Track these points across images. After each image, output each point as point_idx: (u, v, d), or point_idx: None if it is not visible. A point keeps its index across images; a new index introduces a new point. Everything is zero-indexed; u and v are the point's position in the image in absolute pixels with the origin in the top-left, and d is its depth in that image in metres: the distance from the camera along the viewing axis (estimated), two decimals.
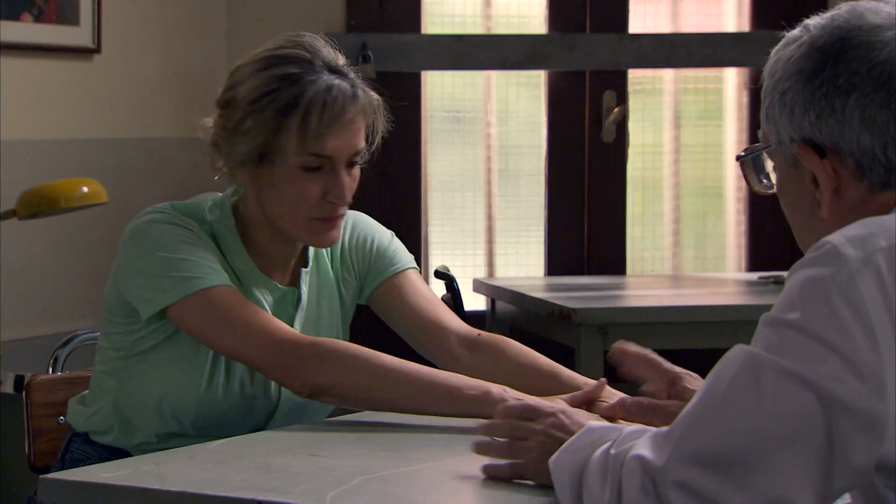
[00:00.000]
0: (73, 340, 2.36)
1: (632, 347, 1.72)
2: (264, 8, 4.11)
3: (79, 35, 3.56)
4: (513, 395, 1.78)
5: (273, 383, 1.92)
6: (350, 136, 1.88)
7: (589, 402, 1.79)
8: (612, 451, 1.26)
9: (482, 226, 4.23)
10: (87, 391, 1.99)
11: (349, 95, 1.87)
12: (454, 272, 3.59)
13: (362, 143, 1.90)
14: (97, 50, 3.61)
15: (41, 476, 1.59)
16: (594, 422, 1.42)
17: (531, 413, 1.52)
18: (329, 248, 2.01)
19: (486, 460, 1.55)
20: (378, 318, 2.07)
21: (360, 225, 2.05)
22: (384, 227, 2.08)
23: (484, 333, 2.00)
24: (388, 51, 4.09)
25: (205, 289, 1.84)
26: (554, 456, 1.37)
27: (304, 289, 1.97)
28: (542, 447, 1.47)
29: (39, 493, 1.57)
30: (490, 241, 4.24)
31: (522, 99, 4.27)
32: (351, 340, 1.93)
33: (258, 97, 1.86)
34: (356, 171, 1.93)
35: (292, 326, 1.94)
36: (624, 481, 1.22)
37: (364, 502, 1.46)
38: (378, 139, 1.95)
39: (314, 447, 1.69)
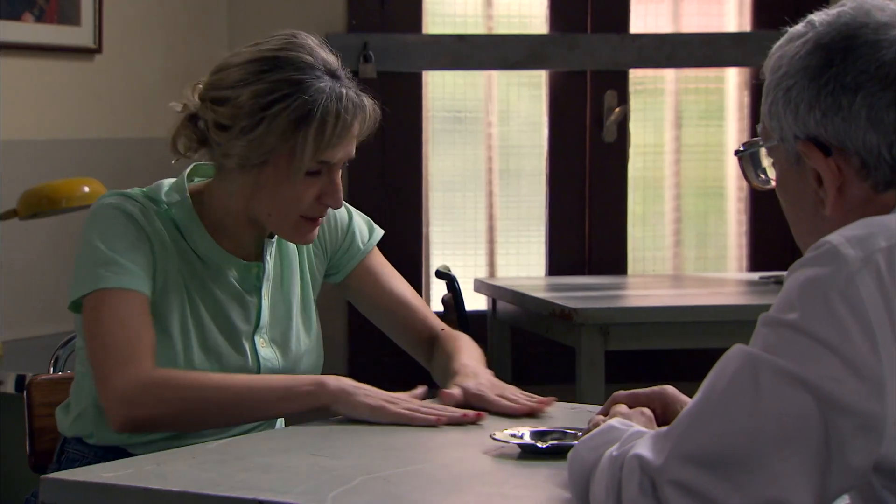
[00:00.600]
0: (74, 340, 2.36)
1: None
2: (265, 8, 4.11)
3: (80, 35, 3.56)
4: (348, 383, 1.82)
5: (248, 352, 1.94)
6: (349, 142, 1.91)
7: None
8: (614, 452, 1.26)
9: (483, 226, 4.23)
10: (70, 398, 1.99)
11: (357, 105, 1.90)
12: (455, 272, 3.59)
13: (354, 149, 1.93)
14: (98, 50, 3.61)
15: (42, 476, 1.59)
16: (617, 420, 1.42)
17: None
18: None
19: (485, 459, 1.54)
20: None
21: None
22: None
23: (446, 329, 2.07)
24: (389, 51, 4.09)
25: (103, 289, 1.85)
26: (572, 450, 1.37)
27: (269, 260, 1.98)
28: None
29: (41, 492, 1.57)
30: (491, 241, 4.24)
31: (523, 99, 4.27)
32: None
33: (269, 103, 1.86)
34: (343, 169, 1.96)
35: (259, 299, 1.96)
36: (623, 481, 1.22)
37: (365, 502, 1.46)
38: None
39: (315, 447, 1.69)
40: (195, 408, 1.81)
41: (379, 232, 2.11)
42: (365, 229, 2.09)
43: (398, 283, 2.09)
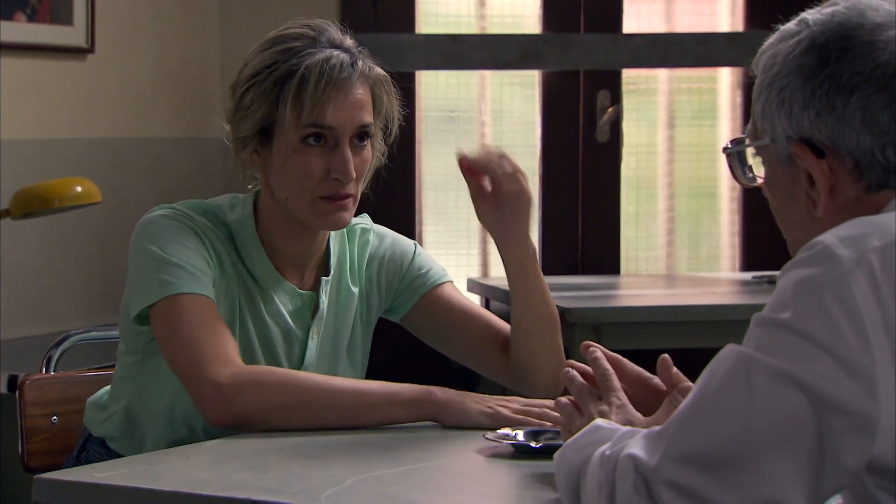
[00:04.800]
0: (67, 340, 2.36)
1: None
2: (258, 7, 4.11)
3: (73, 35, 3.55)
4: (455, 392, 1.79)
5: None
6: (351, 106, 1.83)
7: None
8: (607, 452, 1.26)
9: (476, 225, 4.23)
10: (105, 394, 1.97)
11: (348, 63, 1.83)
12: (448, 271, 3.59)
13: (368, 118, 1.85)
14: (91, 50, 3.60)
15: (35, 476, 1.58)
16: (602, 420, 1.42)
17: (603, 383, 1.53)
18: (353, 259, 1.97)
19: (482, 461, 1.54)
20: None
21: (387, 239, 2.01)
22: (407, 239, 2.03)
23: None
24: (382, 50, 4.04)
25: (176, 294, 1.79)
26: (558, 452, 1.37)
27: (324, 297, 1.92)
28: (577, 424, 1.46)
29: (34, 493, 1.57)
30: (484, 241, 4.24)
31: (517, 99, 4.27)
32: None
33: (258, 71, 1.84)
34: (365, 151, 1.88)
35: (308, 336, 1.91)
36: (617, 481, 1.22)
37: (358, 502, 1.46)
38: (394, 127, 1.91)
39: (309, 447, 1.69)
40: (297, 404, 1.75)
41: (447, 276, 2.01)
42: (429, 265, 2.00)
43: (465, 303, 2.00)
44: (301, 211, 1.86)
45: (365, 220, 2.03)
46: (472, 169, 1.88)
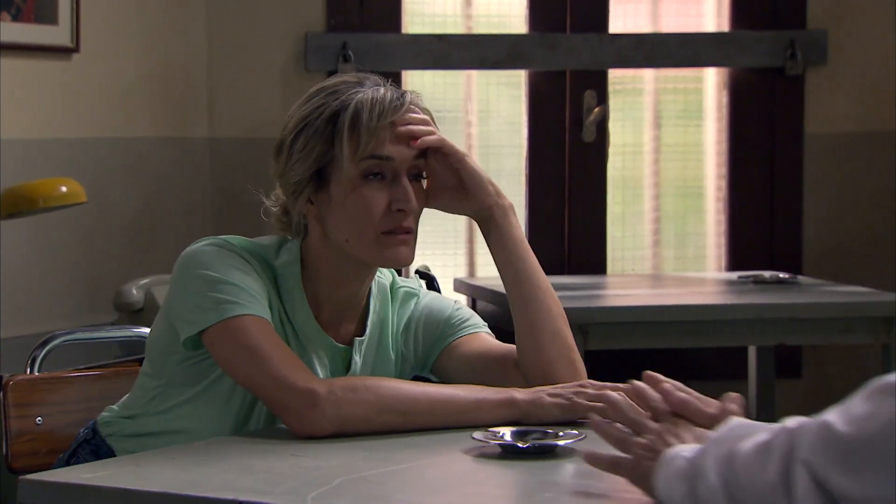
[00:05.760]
0: (52, 341, 2.35)
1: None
2: (244, 8, 4.10)
3: (57, 34, 3.54)
4: (528, 391, 1.79)
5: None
6: (403, 139, 1.83)
7: None
8: (791, 426, 1.24)
9: (463, 225, 4.23)
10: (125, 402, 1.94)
11: (398, 95, 1.84)
12: (435, 272, 3.59)
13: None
14: (76, 49, 3.59)
15: (20, 477, 1.58)
16: (740, 418, 1.38)
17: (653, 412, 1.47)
18: (394, 323, 1.94)
19: (469, 458, 1.54)
20: None
21: (428, 298, 1.98)
22: (447, 298, 2.01)
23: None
24: (368, 51, 4.08)
25: (239, 315, 1.77)
26: (696, 448, 1.33)
27: (357, 359, 1.89)
28: (650, 447, 1.42)
29: (19, 494, 1.56)
30: (471, 241, 4.24)
31: (503, 99, 4.27)
32: None
33: (307, 114, 1.82)
34: (420, 187, 1.87)
35: None
36: (798, 483, 1.20)
37: (345, 503, 1.45)
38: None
39: (295, 448, 1.68)
40: (399, 410, 1.75)
41: (485, 325, 1.97)
42: (464, 317, 1.95)
43: (493, 348, 1.94)
44: (363, 249, 1.83)
45: (412, 284, 2.00)
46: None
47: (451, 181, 1.91)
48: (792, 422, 1.28)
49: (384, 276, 1.97)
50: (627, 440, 1.45)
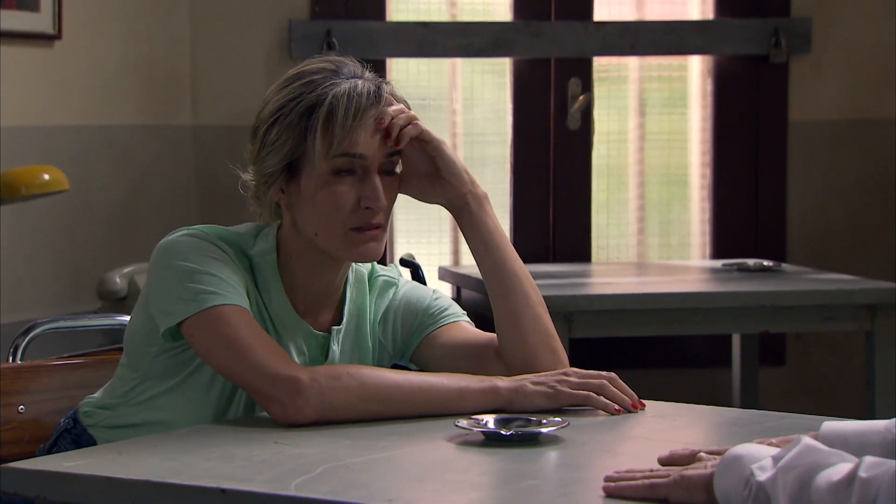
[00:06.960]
0: (34, 329, 2.34)
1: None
2: None
3: (39, 21, 3.52)
4: (511, 380, 1.79)
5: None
6: (380, 134, 1.82)
7: None
8: (863, 475, 1.23)
9: (447, 213, 4.22)
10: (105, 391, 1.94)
11: (374, 91, 1.82)
12: (419, 260, 3.59)
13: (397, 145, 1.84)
14: (58, 36, 3.57)
15: (3, 465, 1.57)
16: (811, 440, 1.34)
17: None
18: (371, 311, 1.94)
19: (453, 448, 1.53)
20: None
21: (406, 288, 1.97)
22: (426, 287, 2.00)
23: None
24: (352, 38, 4.07)
25: (219, 305, 1.77)
26: (767, 474, 1.30)
27: (335, 347, 1.89)
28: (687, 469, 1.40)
29: (2, 482, 1.56)
30: (455, 229, 4.23)
31: (488, 86, 4.27)
32: None
33: (282, 105, 1.82)
34: (393, 181, 1.86)
35: None
36: None
37: (328, 490, 1.45)
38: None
39: (278, 435, 1.68)
40: (382, 398, 1.76)
41: (460, 315, 1.95)
42: (443, 307, 1.95)
43: (472, 337, 1.93)
44: (332, 244, 1.83)
45: (391, 273, 1.99)
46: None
47: (425, 168, 1.90)
48: (868, 462, 1.26)
49: (364, 264, 1.96)
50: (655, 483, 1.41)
